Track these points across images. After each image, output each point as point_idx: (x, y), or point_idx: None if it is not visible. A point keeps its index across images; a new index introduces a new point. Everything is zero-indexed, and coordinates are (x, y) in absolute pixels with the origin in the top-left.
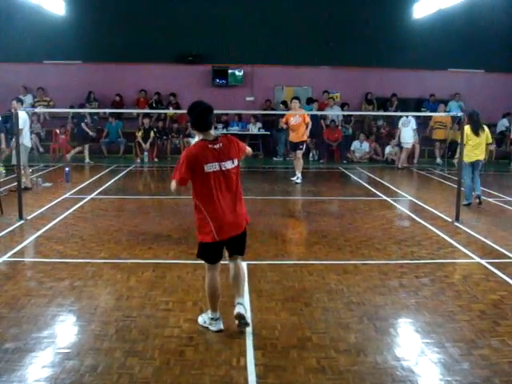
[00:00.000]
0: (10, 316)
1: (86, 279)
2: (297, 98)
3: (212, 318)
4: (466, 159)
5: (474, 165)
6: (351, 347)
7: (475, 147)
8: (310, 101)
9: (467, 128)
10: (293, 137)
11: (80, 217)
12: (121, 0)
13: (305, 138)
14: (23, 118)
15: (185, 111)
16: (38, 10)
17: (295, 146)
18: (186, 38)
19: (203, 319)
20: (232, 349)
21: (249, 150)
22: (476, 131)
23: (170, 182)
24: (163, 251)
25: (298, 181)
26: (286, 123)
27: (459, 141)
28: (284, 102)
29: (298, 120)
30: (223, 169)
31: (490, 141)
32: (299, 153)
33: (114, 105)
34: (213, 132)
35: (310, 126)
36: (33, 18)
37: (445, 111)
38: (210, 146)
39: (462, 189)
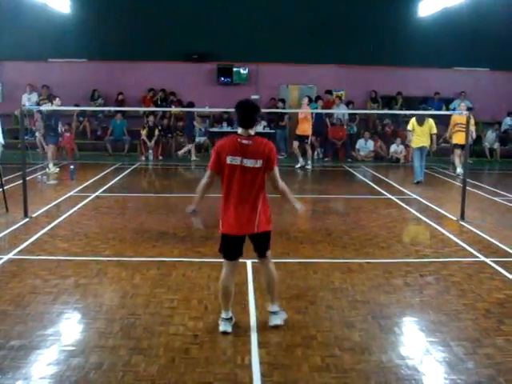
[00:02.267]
0: (16, 313)
1: (90, 277)
2: (308, 96)
3: (222, 318)
4: (414, 145)
5: (420, 150)
6: (356, 345)
7: (420, 135)
8: (317, 99)
9: (413, 119)
10: (301, 130)
11: (85, 214)
12: None
13: (308, 132)
14: None
15: (188, 109)
16: (43, 9)
17: (301, 139)
18: (191, 36)
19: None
20: (237, 347)
21: (277, 176)
22: (420, 122)
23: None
24: (168, 249)
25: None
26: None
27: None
28: (282, 100)
29: (301, 115)
30: (244, 165)
31: (434, 131)
32: (306, 145)
33: (117, 103)
34: (252, 131)
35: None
36: (38, 16)
37: (448, 109)
38: (239, 140)
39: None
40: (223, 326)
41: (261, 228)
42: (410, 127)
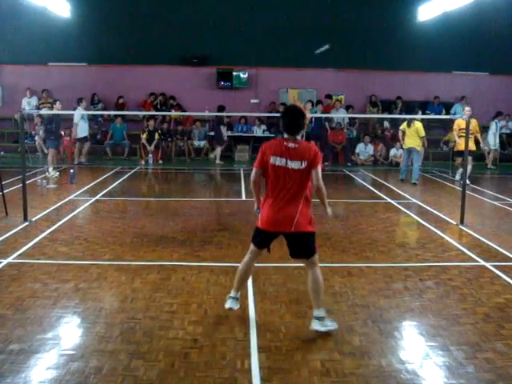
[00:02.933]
0: (15, 317)
1: (90, 281)
2: (310, 101)
3: (231, 296)
4: (404, 146)
5: (410, 150)
6: (356, 350)
7: (409, 137)
8: (317, 103)
9: (405, 122)
10: None
11: (85, 218)
12: (126, 3)
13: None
14: None
15: (188, 113)
16: (43, 13)
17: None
18: (191, 41)
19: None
20: (236, 351)
21: (319, 174)
22: (408, 124)
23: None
24: (168, 253)
25: None
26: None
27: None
28: (283, 104)
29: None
30: (288, 166)
31: (422, 134)
32: None
33: (117, 107)
34: (298, 137)
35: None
36: (38, 20)
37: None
38: (285, 143)
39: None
40: (230, 304)
41: (299, 228)
42: (401, 127)
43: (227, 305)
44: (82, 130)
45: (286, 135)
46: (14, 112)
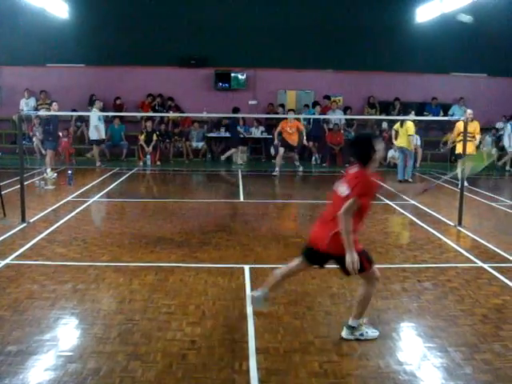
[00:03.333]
0: (13, 319)
1: (88, 282)
2: (292, 110)
3: (264, 292)
4: (397, 145)
5: (401, 150)
6: (354, 351)
7: (401, 136)
8: (315, 104)
9: (398, 122)
10: (292, 141)
11: (83, 220)
12: (124, 4)
13: (302, 142)
14: None
15: (186, 114)
16: (41, 14)
17: (291, 148)
18: (189, 42)
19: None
20: (234, 352)
21: (347, 205)
22: (401, 124)
23: None
24: (166, 254)
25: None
26: (281, 131)
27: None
28: (282, 105)
29: (293, 130)
30: (334, 188)
31: (410, 133)
32: (295, 154)
33: (115, 108)
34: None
35: (304, 131)
36: (36, 21)
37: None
38: (348, 167)
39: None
40: (258, 302)
41: (329, 249)
42: (395, 127)
43: (256, 293)
44: (95, 132)
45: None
46: (12, 113)
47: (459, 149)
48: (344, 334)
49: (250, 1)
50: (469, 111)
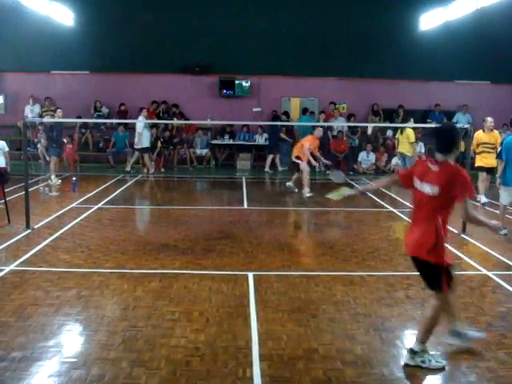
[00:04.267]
0: (17, 325)
1: (92, 289)
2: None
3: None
4: (398, 150)
5: (402, 156)
6: (357, 359)
7: (401, 143)
8: (305, 111)
9: (399, 130)
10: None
11: (87, 226)
12: (128, 11)
13: (301, 157)
14: None
15: (190, 121)
16: (46, 21)
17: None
18: (193, 49)
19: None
20: (238, 359)
21: (467, 209)
22: (401, 131)
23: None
24: (170, 261)
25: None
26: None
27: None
28: (286, 113)
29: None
30: (420, 189)
31: (411, 140)
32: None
33: (120, 114)
34: (448, 158)
35: (306, 149)
36: (42, 28)
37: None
38: (428, 164)
39: None
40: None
41: (418, 253)
42: (397, 135)
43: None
44: (144, 139)
45: (437, 154)
46: (17, 119)
47: (480, 161)
48: (405, 358)
49: (254, 9)
50: (489, 119)
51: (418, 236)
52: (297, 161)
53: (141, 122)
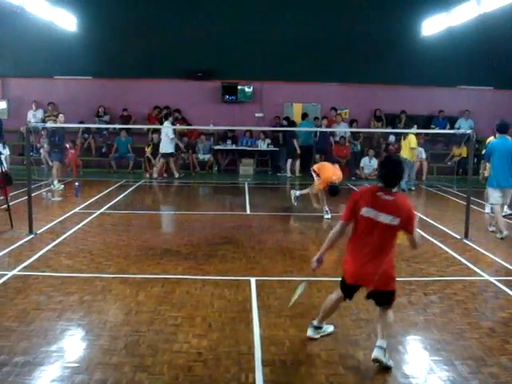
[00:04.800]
0: (20, 330)
1: (95, 294)
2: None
3: (313, 325)
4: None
5: (404, 162)
6: (360, 364)
7: (403, 148)
8: (304, 116)
9: (403, 136)
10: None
11: (89, 231)
12: (131, 17)
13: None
14: None
15: (193, 127)
16: (50, 26)
17: None
18: (196, 54)
19: None
20: (241, 365)
21: (416, 240)
22: (404, 137)
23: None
24: (172, 266)
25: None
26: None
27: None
28: (287, 118)
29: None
30: (378, 219)
31: (412, 146)
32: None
33: (122, 119)
34: (394, 189)
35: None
36: (45, 34)
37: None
38: (379, 193)
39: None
40: (310, 332)
41: (379, 287)
42: (401, 141)
43: (308, 333)
44: (169, 145)
45: (381, 184)
46: (19, 124)
47: None
48: (379, 355)
49: (256, 14)
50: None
51: (385, 269)
52: (314, 175)
53: (168, 129)
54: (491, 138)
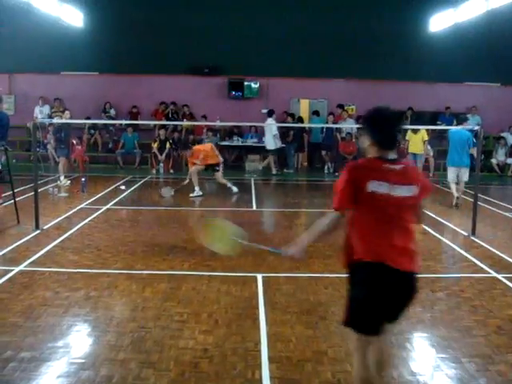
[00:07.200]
0: (26, 325)
1: (101, 289)
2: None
3: None
4: (409, 150)
5: (414, 155)
6: None
7: (415, 143)
8: (316, 113)
9: (409, 131)
10: None
11: (96, 227)
12: (138, 13)
13: None
14: None
15: (199, 122)
16: (56, 22)
17: None
18: (202, 50)
19: None
20: (247, 361)
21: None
22: (414, 132)
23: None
24: (178, 262)
25: None
26: None
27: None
28: (291, 115)
29: None
30: (389, 193)
31: (425, 138)
32: None
33: (131, 116)
34: (394, 153)
35: None
36: (51, 29)
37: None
38: (385, 165)
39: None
40: None
41: (416, 267)
42: (407, 137)
43: None
44: (273, 141)
45: (378, 152)
46: (26, 120)
47: None
48: None
49: (263, 10)
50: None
51: (413, 249)
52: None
53: (273, 126)
54: None
